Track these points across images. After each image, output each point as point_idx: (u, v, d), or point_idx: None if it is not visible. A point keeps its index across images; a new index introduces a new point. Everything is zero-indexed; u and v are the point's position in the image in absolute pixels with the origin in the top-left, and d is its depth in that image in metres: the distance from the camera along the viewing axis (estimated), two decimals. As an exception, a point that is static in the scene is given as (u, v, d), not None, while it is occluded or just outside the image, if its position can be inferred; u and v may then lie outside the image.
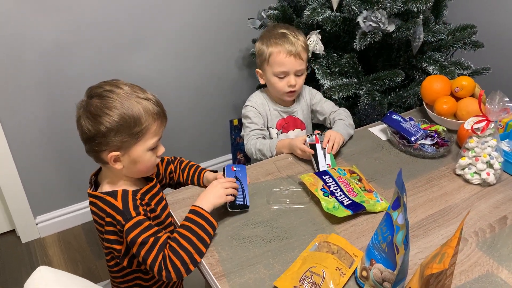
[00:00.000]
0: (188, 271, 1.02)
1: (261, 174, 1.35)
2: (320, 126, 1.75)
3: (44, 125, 1.93)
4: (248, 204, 1.19)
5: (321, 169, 1.33)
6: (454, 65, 1.75)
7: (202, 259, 1.05)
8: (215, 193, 1.12)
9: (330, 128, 1.56)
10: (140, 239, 1.01)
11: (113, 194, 1.06)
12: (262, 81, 1.60)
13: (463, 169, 1.31)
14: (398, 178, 0.89)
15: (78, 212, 2.20)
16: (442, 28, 1.77)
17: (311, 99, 1.66)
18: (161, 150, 1.12)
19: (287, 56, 1.48)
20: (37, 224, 2.12)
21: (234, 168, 1.25)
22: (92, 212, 1.10)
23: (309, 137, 1.39)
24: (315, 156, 1.36)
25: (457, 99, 1.52)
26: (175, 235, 1.05)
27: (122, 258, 1.11)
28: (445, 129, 1.46)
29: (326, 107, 1.64)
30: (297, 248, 1.08)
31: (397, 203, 0.90)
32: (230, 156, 2.53)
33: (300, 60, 1.50)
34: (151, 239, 1.02)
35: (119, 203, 1.04)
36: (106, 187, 1.11)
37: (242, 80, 2.34)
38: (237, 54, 2.26)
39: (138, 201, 1.07)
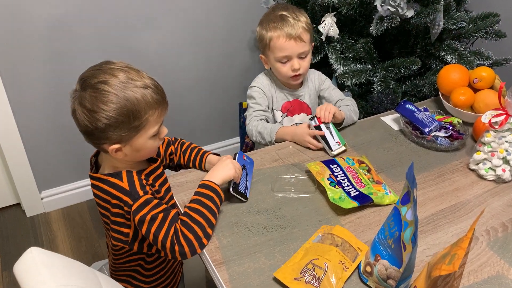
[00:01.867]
0: (201, 246, 1.00)
1: (266, 160, 1.31)
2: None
3: (51, 100, 1.91)
4: (247, 196, 1.16)
5: (333, 148, 1.32)
6: (474, 54, 1.68)
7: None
8: (224, 166, 1.11)
9: None
10: (149, 216, 0.98)
11: (118, 175, 1.02)
12: (267, 67, 1.56)
13: (477, 164, 1.25)
14: (409, 171, 0.85)
15: (83, 188, 2.18)
16: (463, 15, 1.69)
17: (320, 84, 1.61)
18: (164, 132, 1.07)
19: (287, 40, 1.42)
20: (42, 199, 2.12)
21: (245, 158, 1.23)
22: (95, 195, 1.06)
23: (311, 120, 1.36)
24: (323, 137, 1.33)
25: (475, 90, 1.46)
26: (186, 209, 1.03)
27: (131, 242, 1.08)
28: (461, 121, 1.41)
29: (334, 94, 1.59)
30: (300, 238, 1.04)
31: (407, 198, 0.86)
32: (238, 139, 2.49)
33: (301, 42, 1.43)
34: (161, 215, 0.99)
35: (125, 184, 1.01)
36: (108, 169, 1.07)
37: (253, 62, 2.29)
38: (249, 35, 2.20)
39: (144, 181, 1.04)
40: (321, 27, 1.68)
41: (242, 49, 2.23)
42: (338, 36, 1.72)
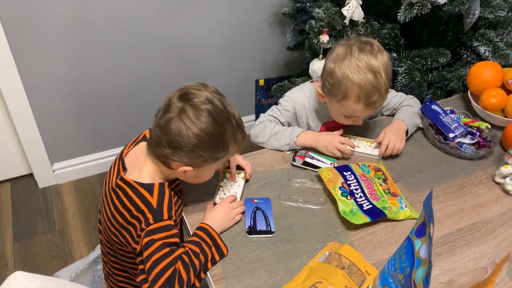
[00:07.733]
0: None
1: (276, 161, 1.24)
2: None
3: (63, 72, 1.87)
4: (273, 230, 1.04)
5: None
6: (511, 47, 1.54)
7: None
8: (225, 215, 1.04)
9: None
10: (159, 243, 0.92)
11: (149, 188, 0.96)
12: (321, 100, 1.29)
13: (504, 177, 1.16)
14: (427, 201, 0.78)
15: (95, 162, 2.18)
16: (502, 3, 1.54)
17: None
18: (221, 169, 1.16)
19: (364, 107, 1.17)
20: (54, 171, 2.12)
21: (255, 200, 1.11)
22: (118, 198, 0.99)
23: (293, 160, 1.23)
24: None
25: (509, 92, 1.34)
26: (187, 249, 0.95)
27: (137, 255, 0.99)
28: (489, 126, 1.30)
29: (391, 99, 1.40)
30: (305, 254, 0.99)
31: (422, 230, 0.79)
32: (253, 117, 2.42)
33: (375, 109, 1.24)
34: (167, 249, 0.92)
35: (154, 200, 0.95)
36: (142, 176, 0.99)
37: (272, 38, 2.19)
38: (268, 10, 2.09)
39: (174, 199, 0.99)
40: (344, 10, 1.55)
41: (261, 24, 2.13)
42: (363, 20, 1.59)
